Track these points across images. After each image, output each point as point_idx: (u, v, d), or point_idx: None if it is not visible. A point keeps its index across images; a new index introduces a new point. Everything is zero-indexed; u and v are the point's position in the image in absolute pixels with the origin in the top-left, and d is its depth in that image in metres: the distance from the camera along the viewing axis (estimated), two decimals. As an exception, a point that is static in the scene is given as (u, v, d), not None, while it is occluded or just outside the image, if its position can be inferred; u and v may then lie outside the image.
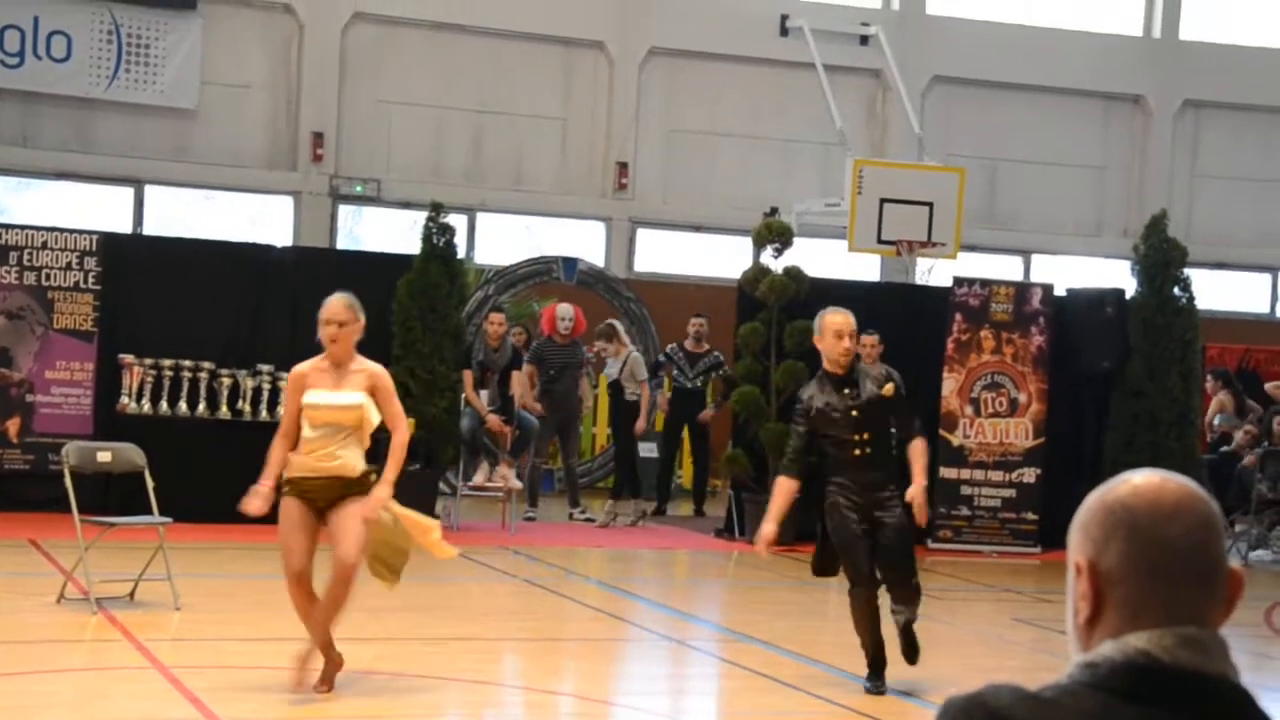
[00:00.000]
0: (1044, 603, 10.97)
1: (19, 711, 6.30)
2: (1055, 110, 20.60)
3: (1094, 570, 1.86)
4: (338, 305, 6.80)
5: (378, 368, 6.94)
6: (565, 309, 14.49)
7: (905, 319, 13.89)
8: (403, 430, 6.85)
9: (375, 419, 6.78)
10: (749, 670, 8.00)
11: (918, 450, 7.45)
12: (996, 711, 1.79)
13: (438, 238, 13.33)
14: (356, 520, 6.66)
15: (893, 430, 7.58)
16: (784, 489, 7.40)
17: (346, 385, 6.74)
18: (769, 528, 7.34)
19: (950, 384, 13.74)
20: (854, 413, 7.31)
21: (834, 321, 7.40)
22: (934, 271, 17.39)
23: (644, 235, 19.91)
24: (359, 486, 6.76)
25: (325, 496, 6.71)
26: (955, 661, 8.77)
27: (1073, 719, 1.78)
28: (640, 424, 14.43)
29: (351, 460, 6.74)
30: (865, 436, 7.32)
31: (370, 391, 6.76)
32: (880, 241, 16.04)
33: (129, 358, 12.59)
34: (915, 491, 7.31)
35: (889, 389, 7.42)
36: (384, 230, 18.59)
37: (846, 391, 7.37)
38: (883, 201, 15.90)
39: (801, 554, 12.81)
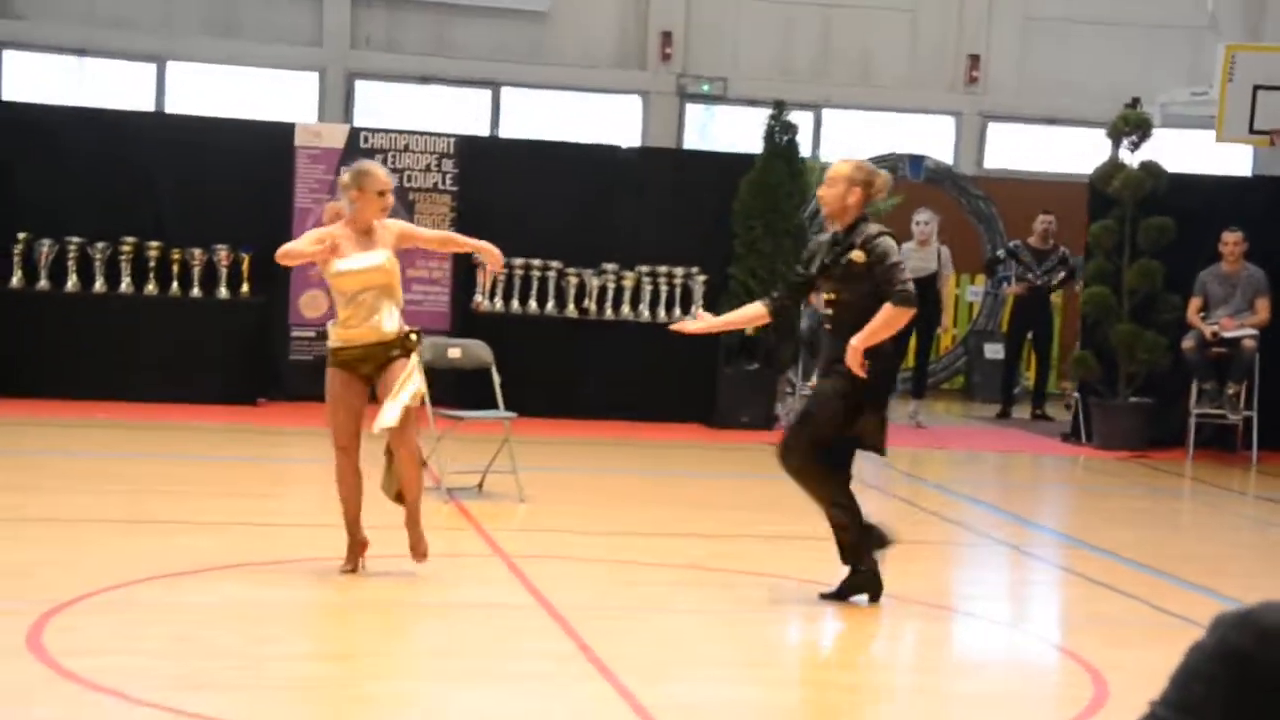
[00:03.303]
0: None
1: (373, 591, 6.72)
2: None
3: None
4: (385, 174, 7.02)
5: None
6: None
7: (1276, 213, 13.09)
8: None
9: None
10: (1088, 579, 7.79)
11: None
12: (1269, 630, 1.70)
13: (780, 136, 13.29)
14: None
15: None
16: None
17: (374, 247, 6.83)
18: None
19: (1325, 281, 12.90)
20: None
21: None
22: (1311, 163, 16.32)
23: (994, 130, 19.33)
24: (400, 346, 6.81)
25: (372, 361, 6.77)
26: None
27: None
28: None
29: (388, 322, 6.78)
30: None
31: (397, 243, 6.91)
32: (1252, 131, 15.12)
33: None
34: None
35: None
36: (736, 129, 18.64)
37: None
38: (1256, 88, 14.96)
39: (1152, 460, 12.38)
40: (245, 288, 12.85)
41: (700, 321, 7.15)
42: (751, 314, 7.16)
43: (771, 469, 11.46)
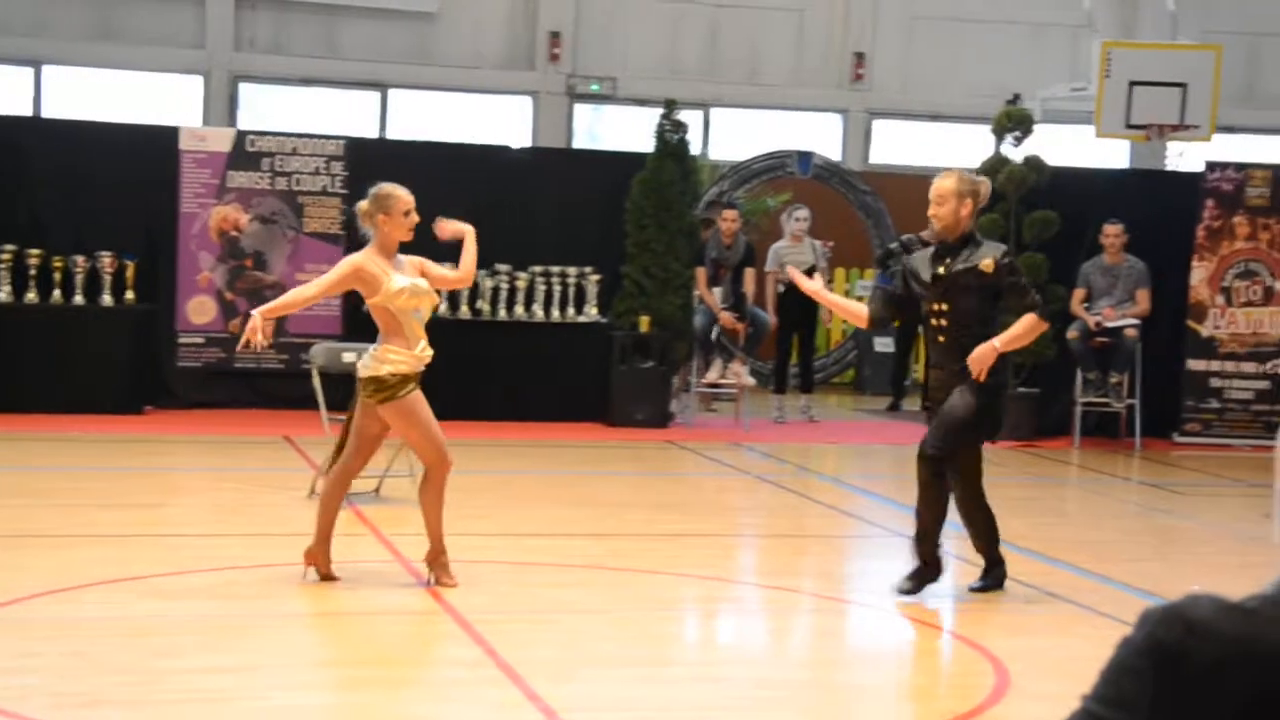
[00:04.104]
0: (1298, 501, 10.53)
1: (274, 601, 6.64)
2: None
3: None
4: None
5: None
6: None
7: (1153, 206, 13.40)
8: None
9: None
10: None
11: None
12: (1196, 624, 1.72)
13: (671, 135, 13.34)
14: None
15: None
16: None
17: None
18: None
19: (1200, 273, 13.24)
20: None
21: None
22: (1186, 156, 16.69)
23: (881, 126, 19.55)
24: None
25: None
26: (1200, 559, 8.54)
27: (1277, 630, 1.71)
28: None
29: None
30: None
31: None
32: (1129, 126, 15.46)
33: (374, 259, 12.97)
34: None
35: None
36: (624, 129, 18.66)
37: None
38: (1132, 84, 15.29)
39: (1040, 449, 12.60)
40: (130, 294, 12.63)
41: (815, 283, 7.65)
42: (854, 310, 7.66)
43: (669, 466, 11.55)
